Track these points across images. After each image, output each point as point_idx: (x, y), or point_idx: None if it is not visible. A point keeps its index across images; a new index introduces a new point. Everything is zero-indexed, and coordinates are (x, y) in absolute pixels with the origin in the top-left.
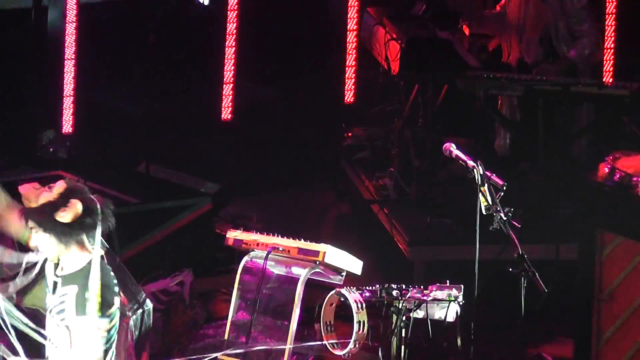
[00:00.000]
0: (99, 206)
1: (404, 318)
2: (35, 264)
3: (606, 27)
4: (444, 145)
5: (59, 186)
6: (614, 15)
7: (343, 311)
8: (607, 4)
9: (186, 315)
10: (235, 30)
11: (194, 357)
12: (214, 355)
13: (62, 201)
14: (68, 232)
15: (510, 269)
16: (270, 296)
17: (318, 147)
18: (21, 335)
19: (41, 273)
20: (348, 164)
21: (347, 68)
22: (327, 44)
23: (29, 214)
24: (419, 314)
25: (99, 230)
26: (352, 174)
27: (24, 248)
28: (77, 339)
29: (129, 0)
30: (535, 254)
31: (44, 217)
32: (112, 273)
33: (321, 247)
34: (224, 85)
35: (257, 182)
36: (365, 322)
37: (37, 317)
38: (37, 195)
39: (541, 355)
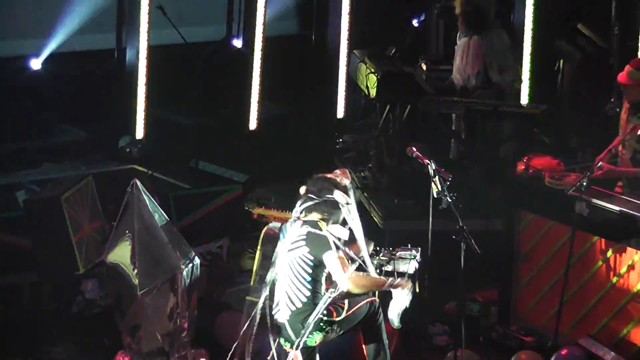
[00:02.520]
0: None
1: (378, 271)
2: None
3: (524, 63)
4: (408, 148)
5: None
6: (529, 55)
7: None
8: (524, 45)
9: (224, 268)
10: (260, 66)
11: None
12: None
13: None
14: None
15: (454, 237)
16: None
17: (318, 149)
18: None
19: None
20: (339, 161)
21: (339, 93)
22: (325, 75)
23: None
24: (389, 267)
25: None
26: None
27: None
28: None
29: (186, 45)
30: (472, 226)
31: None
32: None
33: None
34: (251, 104)
35: (274, 174)
36: None
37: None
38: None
39: (475, 298)
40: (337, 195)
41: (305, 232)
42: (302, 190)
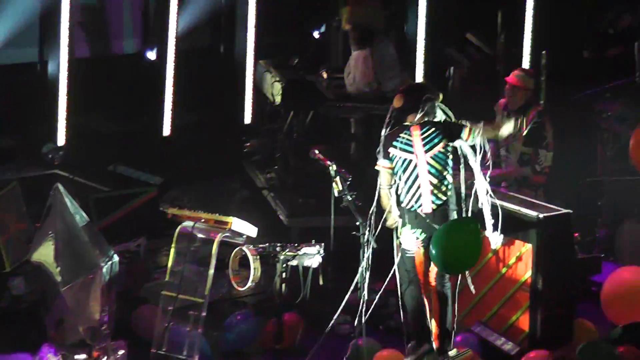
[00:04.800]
0: None
1: (284, 265)
2: None
3: (417, 70)
4: (311, 151)
5: None
6: (422, 63)
7: (244, 261)
8: (417, 54)
9: (141, 265)
10: (172, 76)
11: None
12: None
13: None
14: None
15: (354, 232)
16: (196, 251)
17: (228, 152)
18: None
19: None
20: (247, 164)
21: (246, 100)
22: (233, 84)
23: None
24: (294, 262)
25: None
26: (250, 170)
27: None
28: None
29: (104, 59)
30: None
31: None
32: None
33: (229, 218)
34: (165, 112)
35: (187, 176)
36: (259, 268)
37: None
38: None
39: (375, 288)
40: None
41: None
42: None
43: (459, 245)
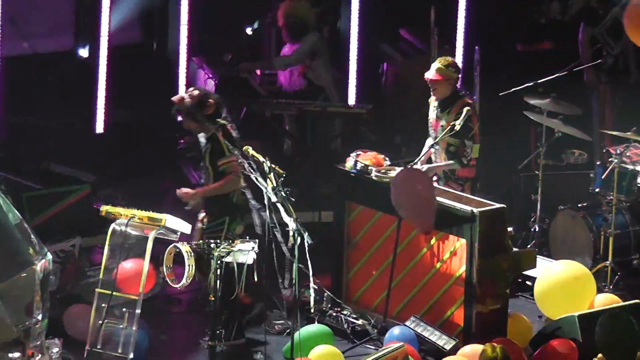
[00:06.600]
0: None
1: (218, 262)
2: None
3: (350, 66)
4: (245, 147)
5: None
6: (355, 59)
7: (179, 258)
8: (351, 50)
9: (75, 264)
10: (105, 73)
11: None
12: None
13: None
14: None
15: (288, 228)
16: (130, 249)
17: (161, 150)
18: None
19: None
20: (181, 161)
21: None
22: (167, 81)
23: None
24: (229, 259)
25: None
26: (184, 167)
27: None
28: None
29: (36, 56)
30: (305, 218)
31: None
32: None
33: (163, 216)
34: (98, 108)
35: (121, 173)
36: (193, 265)
37: None
38: None
39: (307, 285)
40: None
41: None
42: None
43: None
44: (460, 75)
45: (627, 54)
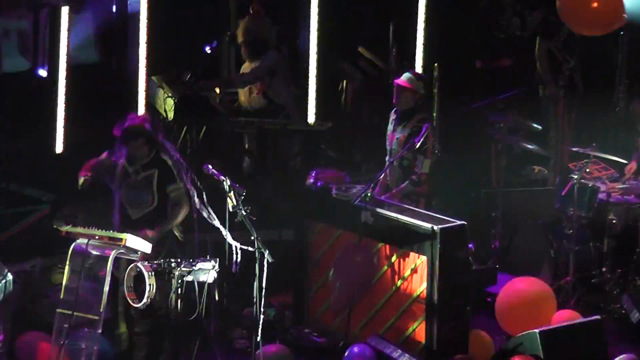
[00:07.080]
0: None
1: (179, 281)
2: None
3: (310, 84)
4: (204, 166)
5: None
6: (315, 76)
7: (140, 277)
8: (310, 67)
9: (35, 285)
10: (64, 93)
11: None
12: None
13: None
14: None
15: (249, 247)
16: (91, 268)
17: None
18: None
19: None
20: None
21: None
22: (127, 100)
23: None
24: (189, 278)
25: None
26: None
27: None
28: None
29: None
30: (266, 237)
31: None
32: None
33: (124, 235)
34: (57, 128)
35: (81, 193)
36: (154, 284)
37: None
38: None
39: (271, 303)
40: None
41: None
42: None
43: None
44: (425, 95)
45: (576, 68)
